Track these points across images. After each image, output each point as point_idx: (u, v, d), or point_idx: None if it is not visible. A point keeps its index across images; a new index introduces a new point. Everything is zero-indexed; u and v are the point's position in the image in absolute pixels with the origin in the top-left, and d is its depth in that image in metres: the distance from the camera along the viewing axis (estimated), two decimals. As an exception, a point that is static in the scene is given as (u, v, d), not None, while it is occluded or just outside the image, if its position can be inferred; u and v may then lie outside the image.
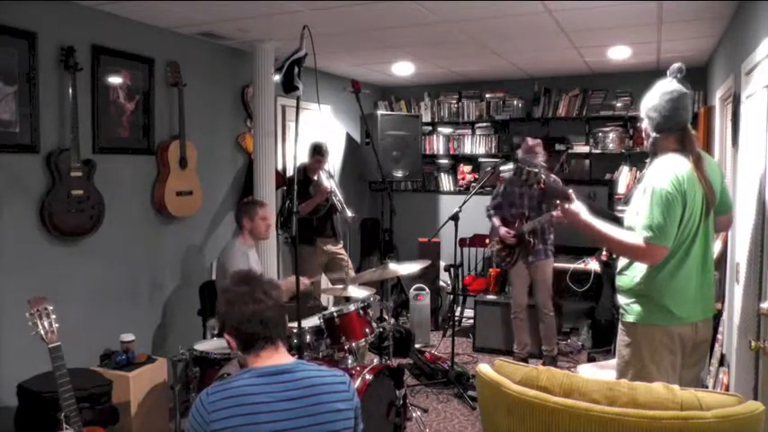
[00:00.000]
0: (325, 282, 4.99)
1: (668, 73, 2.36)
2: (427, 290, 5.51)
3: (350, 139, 6.39)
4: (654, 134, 2.29)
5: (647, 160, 2.37)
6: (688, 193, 2.20)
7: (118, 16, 3.66)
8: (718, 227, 2.47)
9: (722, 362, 3.35)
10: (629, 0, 3.33)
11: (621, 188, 5.53)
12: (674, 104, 2.28)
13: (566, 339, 5.28)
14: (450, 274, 5.82)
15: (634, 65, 5.21)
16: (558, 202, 2.54)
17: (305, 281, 3.84)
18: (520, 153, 4.65)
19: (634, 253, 2.27)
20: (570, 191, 2.51)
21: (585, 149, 5.73)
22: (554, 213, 4.29)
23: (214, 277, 4.10)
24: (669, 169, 2.22)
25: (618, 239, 2.31)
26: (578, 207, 2.43)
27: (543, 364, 4.63)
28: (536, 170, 2.54)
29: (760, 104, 2.52)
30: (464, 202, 4.51)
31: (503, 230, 4.65)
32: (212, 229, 4.51)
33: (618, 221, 2.45)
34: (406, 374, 4.50)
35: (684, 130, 2.30)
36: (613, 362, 2.60)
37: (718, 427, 1.56)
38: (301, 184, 4.48)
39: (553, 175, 4.48)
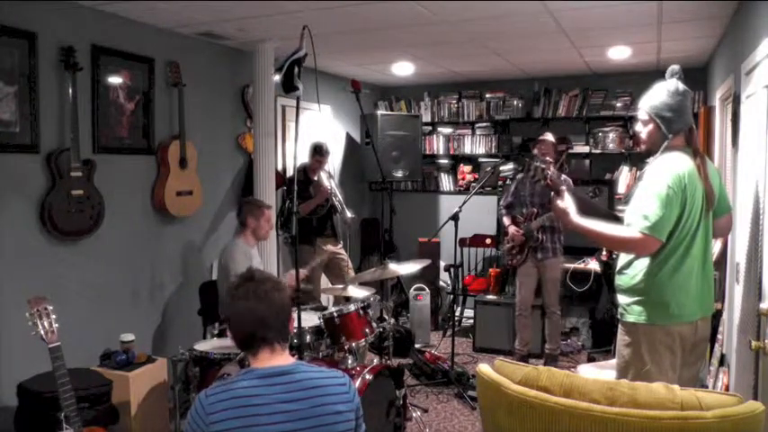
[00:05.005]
0: (325, 282, 5.00)
1: (668, 74, 2.37)
2: (427, 290, 5.51)
3: (350, 139, 6.39)
4: (669, 135, 2.30)
5: (649, 159, 2.38)
6: (688, 191, 2.21)
7: (118, 16, 3.66)
8: (719, 230, 2.47)
9: (722, 362, 3.35)
10: (629, 0, 3.33)
11: (621, 188, 5.53)
12: (685, 103, 2.30)
13: (566, 339, 5.28)
14: (450, 274, 5.82)
15: (634, 65, 5.20)
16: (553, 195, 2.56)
17: (303, 271, 3.83)
18: (535, 150, 4.64)
19: (626, 244, 2.29)
20: (563, 187, 2.53)
21: (585, 149, 5.73)
22: None
23: (215, 277, 4.10)
24: (671, 166, 2.23)
25: (608, 234, 2.33)
26: (568, 206, 2.45)
27: (545, 363, 4.63)
28: (542, 166, 2.56)
29: (760, 104, 2.52)
30: (464, 202, 4.51)
31: (512, 229, 4.68)
32: (212, 229, 4.51)
33: (617, 220, 2.46)
34: (406, 374, 4.50)
35: (691, 128, 2.32)
36: (613, 362, 2.60)
37: (718, 427, 1.56)
38: (301, 184, 4.48)
39: (564, 176, 4.49)
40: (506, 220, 4.77)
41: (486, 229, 5.92)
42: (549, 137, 4.61)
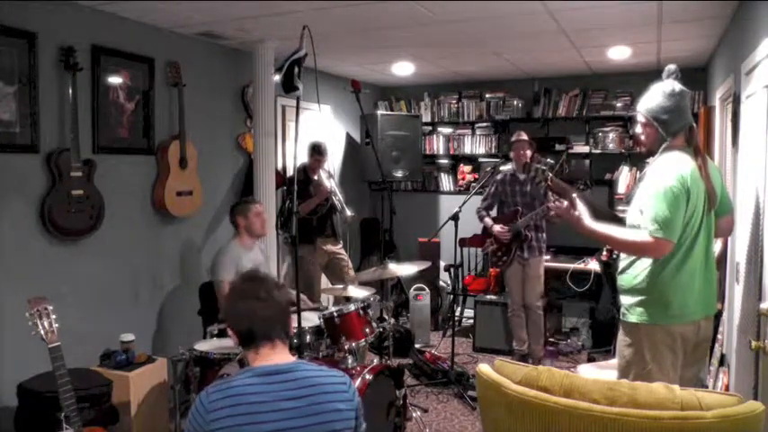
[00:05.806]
0: (325, 282, 4.99)
1: (665, 75, 2.37)
2: (427, 290, 5.51)
3: (350, 139, 6.39)
4: (668, 137, 2.29)
5: (649, 160, 2.38)
6: (692, 190, 2.21)
7: (118, 16, 3.66)
8: (721, 231, 2.47)
9: (722, 362, 3.35)
10: (629, 0, 3.33)
11: (621, 188, 5.53)
12: (683, 103, 2.30)
13: (566, 339, 5.28)
14: (450, 274, 5.82)
15: (634, 65, 5.20)
16: (555, 197, 2.56)
17: (307, 302, 3.86)
18: (512, 153, 4.67)
19: (640, 249, 2.28)
20: (574, 195, 2.53)
21: (585, 149, 5.73)
22: (549, 205, 4.30)
23: (212, 277, 4.10)
24: (674, 166, 2.23)
25: (622, 239, 2.32)
26: (580, 210, 2.44)
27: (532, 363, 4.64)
28: (544, 168, 2.57)
29: (760, 104, 2.52)
30: (464, 202, 4.51)
31: (497, 228, 4.65)
32: (212, 229, 4.51)
33: (618, 220, 2.46)
34: (406, 374, 4.50)
35: (691, 128, 2.32)
36: (613, 362, 2.61)
37: (718, 427, 1.56)
38: (301, 183, 4.48)
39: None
40: (489, 221, 4.76)
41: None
42: (523, 135, 4.61)
